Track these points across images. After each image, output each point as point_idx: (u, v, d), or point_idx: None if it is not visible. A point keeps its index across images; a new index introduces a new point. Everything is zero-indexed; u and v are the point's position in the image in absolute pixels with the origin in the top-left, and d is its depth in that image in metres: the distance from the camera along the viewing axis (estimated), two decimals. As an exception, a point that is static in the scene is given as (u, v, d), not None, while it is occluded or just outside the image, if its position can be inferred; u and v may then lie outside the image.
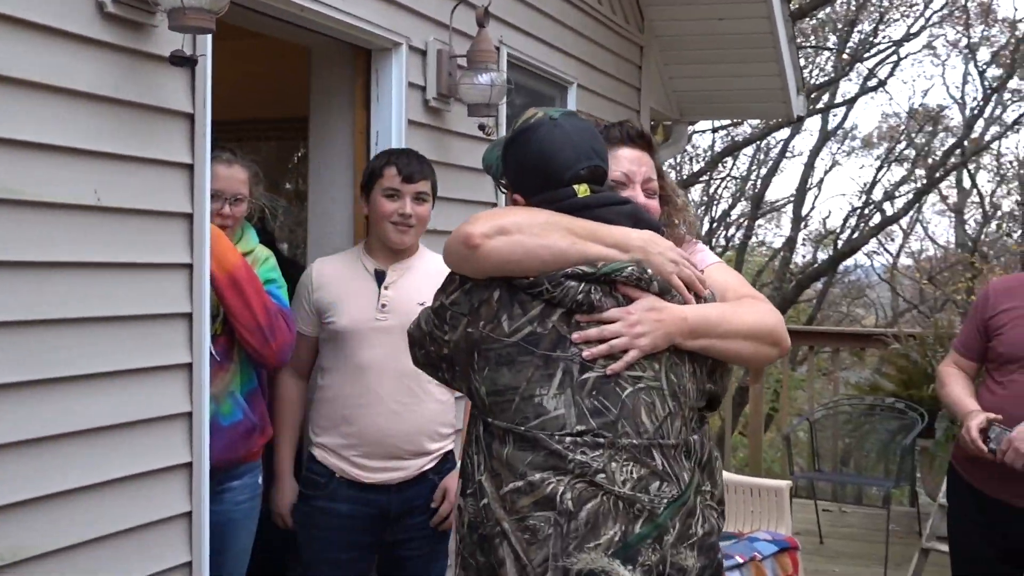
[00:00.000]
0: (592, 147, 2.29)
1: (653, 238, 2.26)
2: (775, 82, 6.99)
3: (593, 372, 2.16)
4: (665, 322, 2.19)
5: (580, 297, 2.17)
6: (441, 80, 4.20)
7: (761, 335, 2.32)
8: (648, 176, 2.50)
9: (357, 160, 4.02)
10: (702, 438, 2.27)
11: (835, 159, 22.99)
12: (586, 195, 2.25)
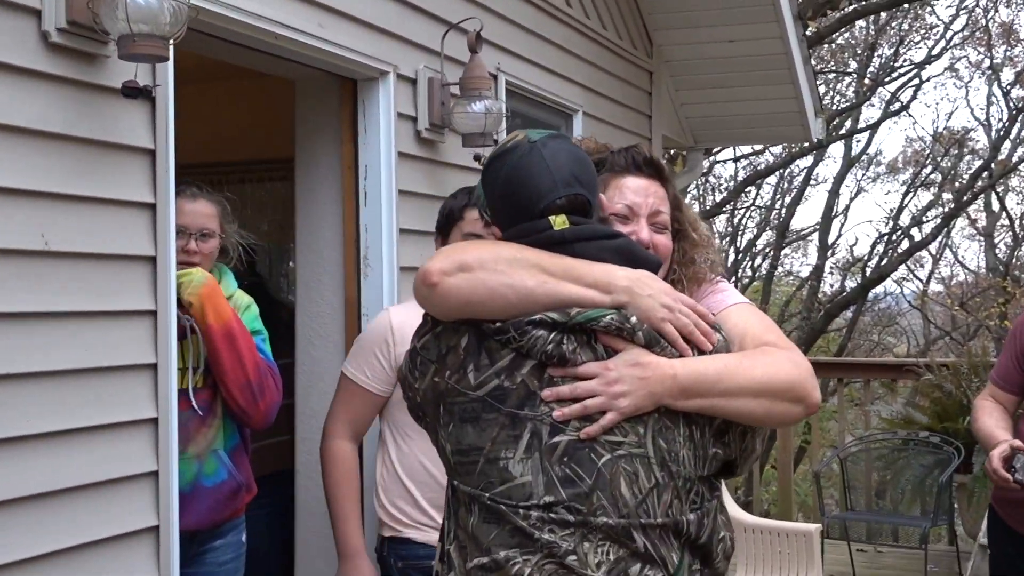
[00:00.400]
0: (573, 173, 2.00)
1: (642, 278, 1.96)
2: (792, 105, 6.75)
3: (565, 435, 1.89)
4: (650, 380, 1.89)
5: (550, 348, 1.90)
6: (433, 110, 3.98)
7: (776, 391, 1.97)
8: (656, 208, 2.21)
9: (346, 196, 3.81)
10: (703, 517, 1.96)
11: (860, 186, 22.72)
12: (563, 227, 1.96)
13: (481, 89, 3.93)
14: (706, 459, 1.97)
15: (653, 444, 1.91)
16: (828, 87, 19.96)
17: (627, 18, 6.04)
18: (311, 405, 3.86)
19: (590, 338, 1.91)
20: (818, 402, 2.02)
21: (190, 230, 3.13)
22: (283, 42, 3.32)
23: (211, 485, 3.17)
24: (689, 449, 1.94)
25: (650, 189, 2.22)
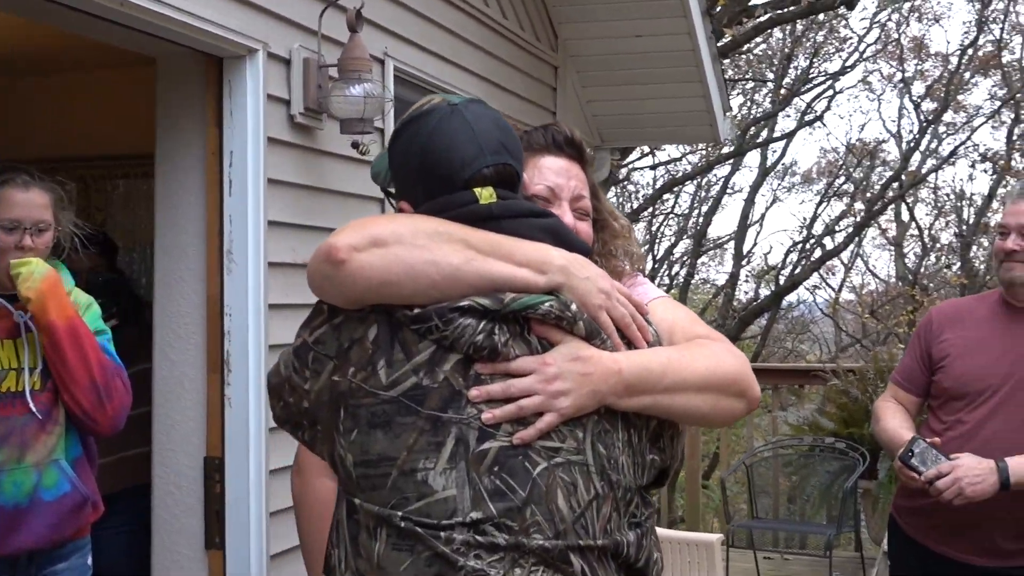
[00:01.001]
0: (501, 141, 1.75)
1: (579, 260, 1.73)
2: (700, 104, 6.57)
3: (496, 441, 1.63)
4: (593, 377, 1.66)
5: (479, 339, 1.64)
6: (309, 93, 3.68)
7: (721, 385, 1.80)
8: (578, 192, 2.03)
9: (209, 185, 3.49)
10: (641, 537, 1.73)
11: (776, 195, 22.86)
12: (491, 201, 1.71)
13: (361, 72, 3.64)
14: (644, 466, 1.75)
15: (593, 450, 1.67)
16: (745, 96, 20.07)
17: (530, 9, 5.80)
18: (170, 414, 3.54)
19: (523, 328, 1.67)
20: (759, 397, 1.88)
21: (24, 224, 2.83)
22: (130, 9, 3.00)
23: (52, 499, 2.89)
24: (628, 455, 1.72)
25: (571, 171, 2.06)
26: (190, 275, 3.52)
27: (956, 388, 3.29)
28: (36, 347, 2.86)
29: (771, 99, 19.68)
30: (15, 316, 2.86)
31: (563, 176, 2.02)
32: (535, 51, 5.85)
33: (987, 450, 3.13)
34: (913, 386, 3.43)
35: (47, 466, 2.88)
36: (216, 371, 3.48)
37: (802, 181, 22.99)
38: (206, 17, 3.27)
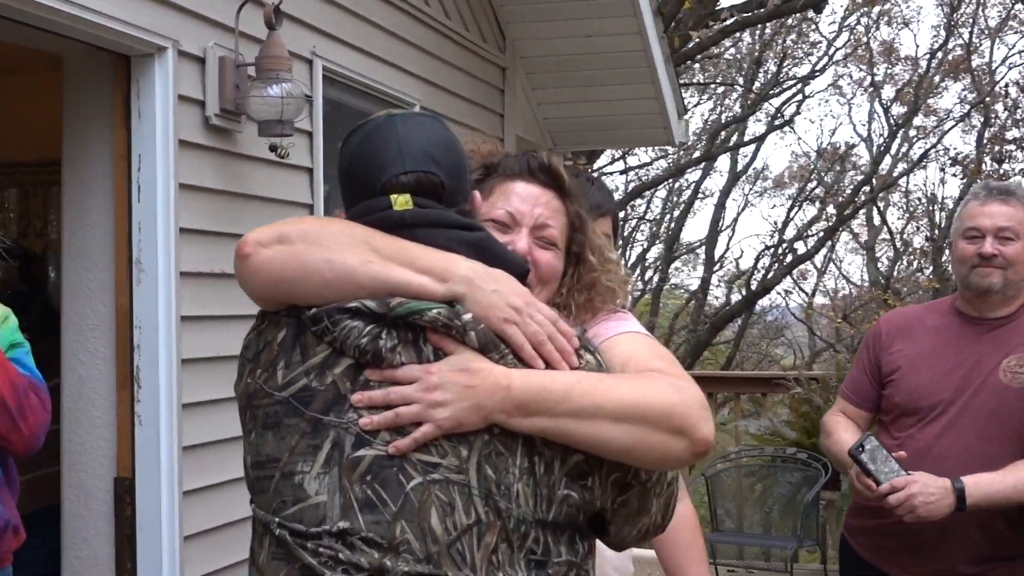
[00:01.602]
0: (427, 151, 1.67)
1: (492, 274, 1.62)
2: (653, 106, 6.43)
3: (372, 449, 1.56)
4: (478, 390, 1.55)
5: (364, 343, 1.57)
6: (225, 93, 3.50)
7: (645, 416, 1.60)
8: (543, 221, 1.91)
9: (118, 189, 3.31)
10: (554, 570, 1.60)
11: (747, 199, 22.85)
12: (405, 207, 1.64)
13: (279, 71, 3.47)
14: (551, 500, 1.60)
15: (478, 472, 1.56)
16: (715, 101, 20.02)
17: (476, 9, 5.63)
18: (79, 433, 3.36)
19: (418, 336, 1.59)
20: (707, 438, 1.63)
21: None
22: (32, 7, 2.83)
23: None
24: (528, 485, 1.58)
25: (541, 199, 1.93)
26: (98, 285, 3.34)
27: (907, 403, 3.12)
28: None
29: (741, 103, 19.64)
30: None
31: (528, 203, 1.91)
32: (481, 52, 5.69)
33: (941, 468, 2.95)
34: (862, 400, 3.26)
35: None
36: (126, 387, 3.30)
37: (773, 186, 23.02)
38: (112, 14, 3.10)
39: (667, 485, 1.73)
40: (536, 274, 1.86)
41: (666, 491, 1.73)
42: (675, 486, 1.77)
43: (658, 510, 1.73)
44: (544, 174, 1.94)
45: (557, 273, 1.94)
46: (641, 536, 1.76)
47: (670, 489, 1.74)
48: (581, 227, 1.98)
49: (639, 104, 6.47)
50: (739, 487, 7.08)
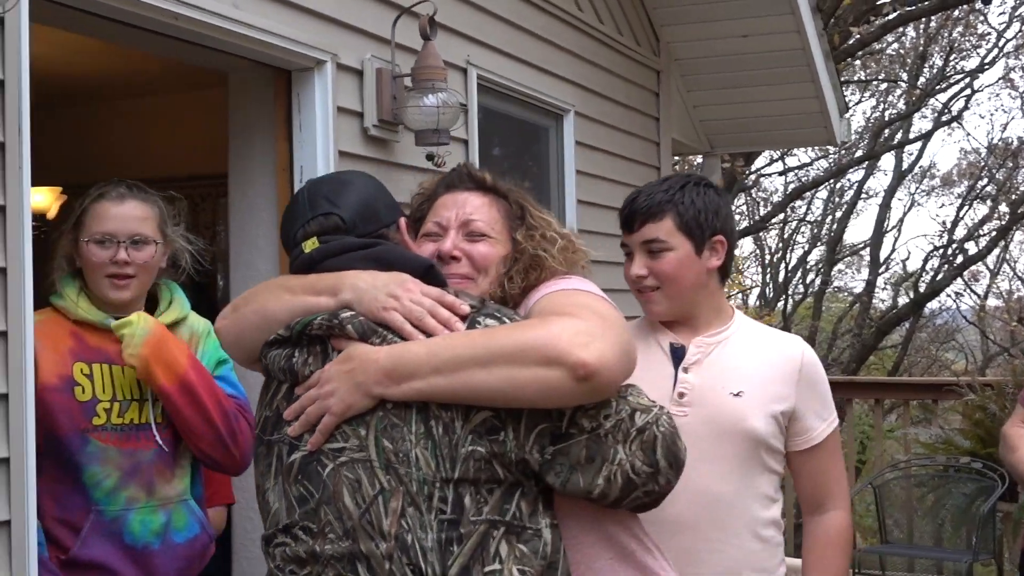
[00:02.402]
0: (327, 196, 1.93)
1: (370, 277, 1.83)
2: (813, 105, 6.26)
3: (298, 452, 1.79)
4: (354, 371, 1.74)
5: (282, 364, 1.83)
6: (383, 104, 3.56)
7: (512, 355, 1.68)
8: (467, 217, 2.05)
9: (280, 201, 3.40)
10: (452, 540, 1.69)
11: (913, 199, 22.06)
12: (313, 247, 1.90)
13: (435, 80, 3.50)
14: (455, 459, 1.71)
15: (376, 445, 1.73)
16: (878, 98, 19.43)
17: (629, 13, 5.59)
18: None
19: (326, 346, 1.80)
20: (584, 360, 1.64)
21: (118, 237, 2.60)
22: (193, 25, 2.93)
23: (182, 541, 2.70)
24: (426, 448, 1.71)
25: (464, 201, 2.08)
26: (263, 295, 3.42)
27: None
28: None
29: (905, 100, 18.99)
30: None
31: (451, 208, 2.06)
32: (635, 56, 5.64)
33: None
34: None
35: (176, 505, 2.69)
36: (289, 393, 3.37)
37: (941, 184, 22.18)
38: (273, 31, 3.18)
39: (636, 431, 1.73)
40: (473, 265, 2.00)
41: (636, 436, 1.74)
42: (656, 430, 1.75)
43: (631, 456, 1.73)
44: (466, 181, 2.10)
45: (493, 259, 2.03)
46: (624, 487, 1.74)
47: (645, 434, 1.74)
48: (521, 214, 2.08)
49: (798, 103, 6.31)
50: (909, 497, 6.81)
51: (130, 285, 2.64)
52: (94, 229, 2.62)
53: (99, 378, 2.60)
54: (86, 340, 2.59)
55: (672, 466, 1.76)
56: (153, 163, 5.51)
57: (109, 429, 2.58)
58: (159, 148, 5.48)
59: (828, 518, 2.40)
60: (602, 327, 1.71)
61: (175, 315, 2.75)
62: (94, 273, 2.63)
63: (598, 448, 1.73)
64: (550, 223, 2.09)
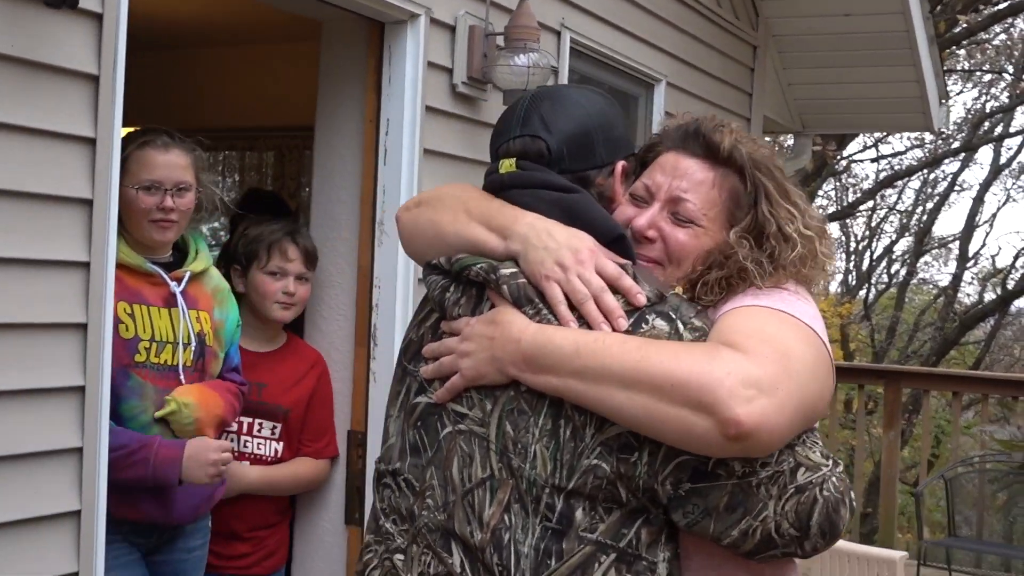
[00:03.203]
0: (542, 117, 1.70)
1: (550, 229, 1.61)
2: (912, 90, 6.11)
3: (425, 397, 1.67)
4: (496, 341, 1.57)
5: (436, 295, 1.70)
6: (473, 61, 3.55)
7: (660, 386, 1.44)
8: (677, 194, 1.75)
9: (365, 152, 3.40)
10: (549, 554, 1.50)
11: (1009, 194, 21.52)
12: (509, 171, 1.71)
13: (527, 40, 3.47)
14: (573, 468, 1.51)
15: (498, 427, 1.57)
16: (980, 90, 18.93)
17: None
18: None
19: (481, 293, 1.65)
20: (738, 419, 1.40)
21: (165, 185, 2.78)
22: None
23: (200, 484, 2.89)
24: (547, 447, 1.53)
25: (688, 170, 1.77)
26: (343, 245, 3.45)
27: None
28: (190, 324, 2.83)
29: (1008, 93, 18.48)
30: (170, 286, 2.83)
31: (669, 174, 1.78)
32: (732, 29, 5.55)
33: None
34: None
35: None
36: (363, 344, 3.40)
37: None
38: (365, -22, 3.17)
39: (795, 489, 1.49)
40: (667, 251, 1.76)
41: (794, 495, 1.49)
42: (819, 493, 1.50)
43: (780, 516, 1.49)
44: (694, 143, 1.80)
45: (690, 251, 1.75)
46: (761, 544, 1.51)
47: (804, 495, 1.49)
48: (753, 201, 1.76)
49: (897, 87, 6.16)
50: (981, 494, 6.69)
51: (172, 228, 2.81)
52: (142, 176, 2.75)
53: (140, 318, 2.74)
54: (125, 282, 2.69)
55: (825, 535, 1.52)
56: (241, 112, 5.58)
57: (148, 367, 2.74)
58: (248, 98, 5.52)
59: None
60: (783, 376, 1.45)
61: (203, 264, 2.94)
62: (139, 217, 2.77)
63: (744, 498, 1.50)
64: (795, 216, 1.75)
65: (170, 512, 2.82)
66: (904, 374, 7.88)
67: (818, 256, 1.75)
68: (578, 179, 1.70)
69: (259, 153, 6.06)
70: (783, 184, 1.78)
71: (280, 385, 3.26)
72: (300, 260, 3.26)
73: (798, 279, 1.72)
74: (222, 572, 3.20)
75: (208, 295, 2.95)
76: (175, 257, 2.90)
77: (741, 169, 1.77)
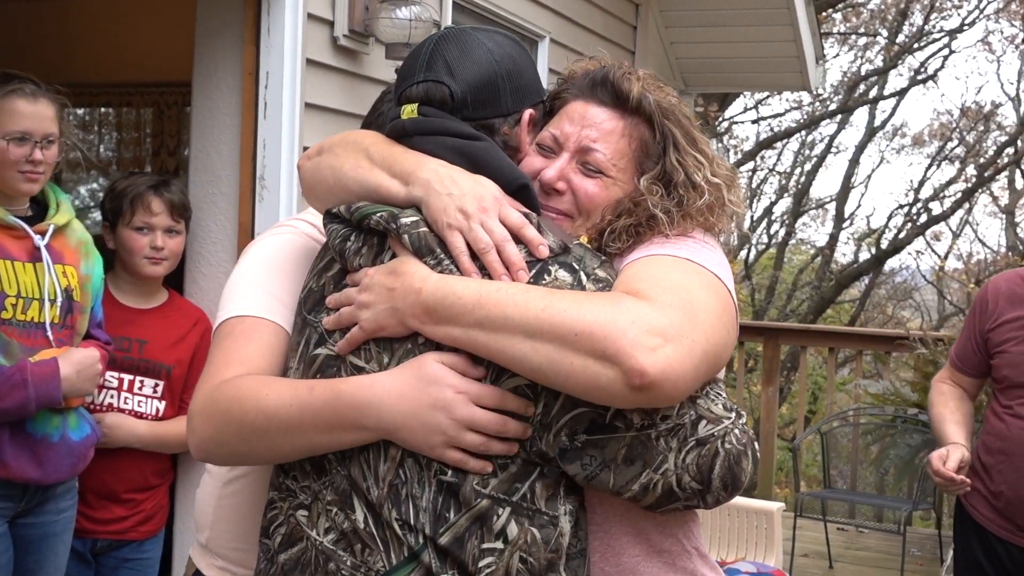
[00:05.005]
0: (447, 62, 1.63)
1: (450, 178, 1.55)
2: (790, 49, 6.24)
3: (325, 348, 1.59)
4: (396, 293, 1.50)
5: (336, 244, 1.62)
6: (354, 14, 3.50)
7: (564, 335, 1.39)
8: (586, 144, 1.70)
9: (245, 106, 3.34)
10: (448, 507, 1.47)
11: (883, 156, 22.17)
12: (410, 116, 1.65)
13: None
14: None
15: None
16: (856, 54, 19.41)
17: (612, -58, 5.52)
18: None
19: (382, 243, 1.58)
20: (643, 368, 1.36)
21: (34, 136, 2.70)
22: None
23: (78, 439, 2.86)
24: None
25: (595, 119, 1.71)
26: (223, 200, 3.38)
27: (1015, 376, 3.01)
28: (57, 280, 2.74)
29: (883, 57, 18.99)
30: (34, 240, 2.74)
31: (577, 124, 1.72)
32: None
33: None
34: (970, 368, 3.20)
35: (70, 409, 2.81)
36: (244, 301, 3.34)
37: (912, 143, 22.26)
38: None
39: (696, 441, 1.47)
40: (575, 202, 1.71)
41: (695, 447, 1.47)
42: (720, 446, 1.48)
43: (681, 469, 1.47)
44: (603, 91, 1.72)
45: (601, 202, 1.70)
46: (662, 498, 1.49)
47: (705, 448, 1.47)
48: (662, 149, 1.71)
49: (775, 47, 6.28)
50: (855, 447, 6.92)
51: (40, 180, 2.75)
52: (9, 127, 2.68)
53: (5, 274, 2.66)
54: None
55: (727, 487, 1.50)
56: (117, 67, 5.41)
57: (14, 324, 2.66)
58: (124, 52, 5.36)
59: None
60: (687, 324, 1.41)
61: (66, 217, 2.86)
62: (5, 168, 2.69)
63: (643, 451, 1.47)
64: (703, 164, 1.71)
65: (46, 469, 2.74)
66: (782, 331, 8.09)
67: (726, 204, 1.72)
68: (482, 127, 1.65)
69: (136, 109, 5.89)
70: (691, 132, 1.74)
71: (162, 342, 3.19)
72: (166, 213, 3.15)
73: (706, 227, 1.70)
74: (96, 536, 3.13)
75: (73, 249, 2.87)
76: (34, 211, 2.82)
77: (650, 117, 1.72)
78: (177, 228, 3.19)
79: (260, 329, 1.68)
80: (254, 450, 1.56)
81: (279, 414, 1.51)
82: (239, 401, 1.54)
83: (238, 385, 1.56)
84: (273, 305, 1.70)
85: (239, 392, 1.55)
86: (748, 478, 1.52)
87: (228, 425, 1.54)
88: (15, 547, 2.79)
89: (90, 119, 5.91)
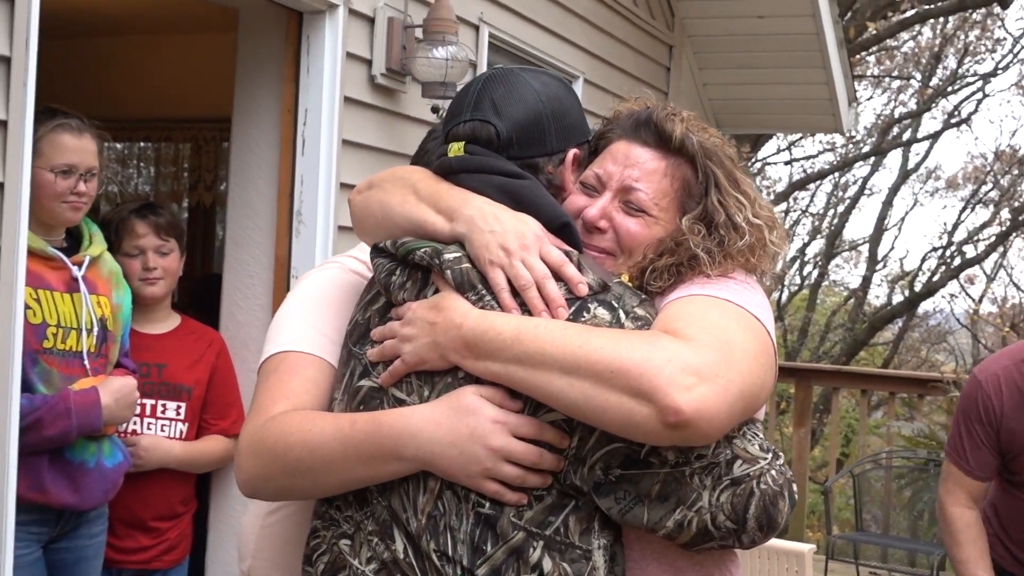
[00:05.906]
0: (493, 101, 1.68)
1: (493, 215, 1.58)
2: (823, 91, 6.25)
3: (369, 380, 1.60)
4: (437, 327, 1.53)
5: (382, 278, 1.65)
6: (392, 53, 3.56)
7: (599, 373, 1.41)
8: (629, 183, 1.71)
9: (283, 143, 3.40)
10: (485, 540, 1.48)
11: (916, 199, 22.05)
12: (456, 155, 1.68)
13: (445, 33, 3.50)
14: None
15: None
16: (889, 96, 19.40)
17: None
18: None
19: (426, 277, 1.61)
20: (678, 407, 1.37)
21: (79, 169, 2.78)
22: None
23: (111, 466, 2.92)
24: None
25: (638, 160, 1.72)
26: (259, 234, 3.43)
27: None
28: (92, 310, 2.82)
29: (916, 99, 18.95)
30: (72, 271, 2.81)
31: (620, 163, 1.73)
32: (648, 28, 5.63)
33: None
34: (989, 473, 3.09)
35: (103, 435, 2.86)
36: (279, 335, 3.37)
37: (946, 186, 22.16)
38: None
39: (730, 481, 1.47)
40: (618, 241, 1.71)
41: (729, 487, 1.47)
42: (755, 486, 1.47)
43: (715, 507, 1.47)
44: (646, 132, 1.74)
45: (641, 241, 1.71)
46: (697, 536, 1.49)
47: (740, 487, 1.47)
48: (704, 190, 1.72)
49: (808, 89, 6.30)
50: (887, 490, 6.85)
51: (82, 209, 2.83)
52: (56, 160, 2.75)
53: (46, 303, 2.73)
54: (28, 266, 2.65)
55: (763, 528, 1.48)
56: (157, 103, 5.51)
57: (55, 353, 2.73)
58: (164, 89, 5.46)
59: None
60: (723, 364, 1.42)
61: (99, 248, 2.94)
62: (51, 200, 2.76)
63: (677, 487, 1.48)
64: (744, 205, 1.72)
65: (82, 495, 2.79)
66: (814, 372, 8.03)
67: (767, 245, 1.72)
68: (527, 166, 1.68)
69: (175, 144, 5.99)
70: (733, 173, 1.75)
71: (180, 364, 3.24)
72: (152, 234, 3.18)
73: (747, 268, 1.70)
74: (122, 567, 3.16)
75: (105, 279, 2.94)
76: (68, 242, 2.89)
77: (692, 158, 1.73)
78: (167, 247, 3.21)
79: (305, 364, 1.70)
80: (299, 485, 1.58)
81: (322, 449, 1.53)
82: (285, 437, 1.56)
83: (284, 422, 1.58)
84: (318, 340, 1.73)
85: (284, 428, 1.57)
86: (785, 519, 1.51)
87: (274, 462, 1.57)
88: (49, 572, 2.83)
89: (128, 153, 6.01)
